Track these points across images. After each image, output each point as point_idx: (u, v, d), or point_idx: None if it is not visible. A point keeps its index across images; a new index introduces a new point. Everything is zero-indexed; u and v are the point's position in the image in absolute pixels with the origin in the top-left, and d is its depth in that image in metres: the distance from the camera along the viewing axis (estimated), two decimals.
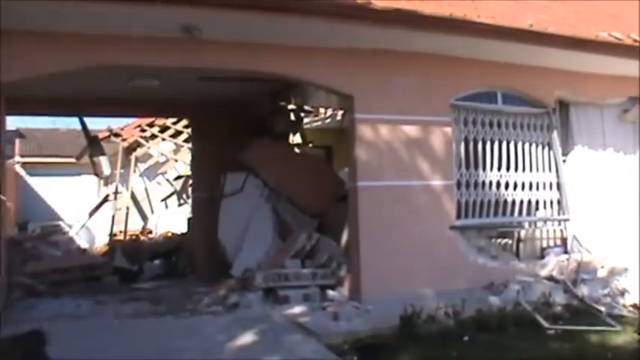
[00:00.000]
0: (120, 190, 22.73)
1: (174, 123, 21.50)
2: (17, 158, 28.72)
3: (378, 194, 10.72)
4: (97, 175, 19.20)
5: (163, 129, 21.80)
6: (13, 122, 15.64)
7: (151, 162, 23.26)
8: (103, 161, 18.69)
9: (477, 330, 8.62)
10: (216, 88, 13.11)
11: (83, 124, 17.96)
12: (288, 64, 10.37)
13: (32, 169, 30.06)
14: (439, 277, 10.87)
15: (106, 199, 23.14)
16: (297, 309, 10.19)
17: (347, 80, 10.72)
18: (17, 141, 27.13)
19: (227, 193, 13.57)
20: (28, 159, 30.69)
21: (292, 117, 15.89)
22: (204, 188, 15.08)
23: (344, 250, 11.57)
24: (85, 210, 24.02)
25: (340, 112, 16.45)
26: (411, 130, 11.06)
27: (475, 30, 10.34)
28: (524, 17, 11.24)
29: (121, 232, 21.58)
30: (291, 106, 15.58)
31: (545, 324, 9.00)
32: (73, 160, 27.75)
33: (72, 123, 37.54)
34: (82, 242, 21.99)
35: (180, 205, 22.35)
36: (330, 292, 10.77)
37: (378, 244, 10.62)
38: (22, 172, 29.30)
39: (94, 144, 18.85)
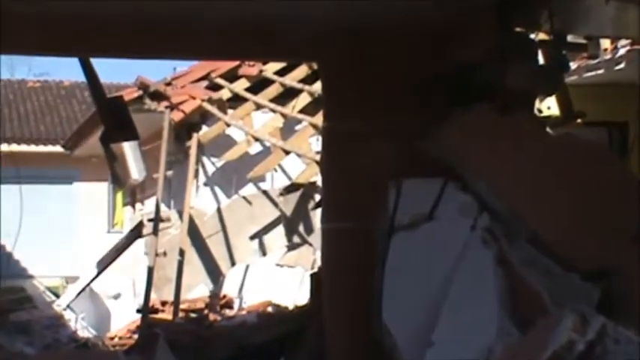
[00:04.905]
0: (166, 216, 23.51)
1: (280, 73, 21.54)
2: None
3: None
4: (115, 181, 20.21)
5: (256, 84, 21.95)
6: None
7: (230, 154, 23.43)
8: (130, 152, 18.00)
9: None
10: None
11: (89, 71, 17.50)
12: None
13: None
14: None
15: (137, 234, 23.66)
16: None
17: None
18: None
19: (402, 224, 12.70)
20: None
21: (541, 60, 15.11)
22: (348, 211, 14.10)
23: None
24: (89, 257, 25.20)
25: None
26: None
27: None
28: None
29: (165, 303, 22.24)
30: (538, 37, 15.04)
31: None
32: (59, 148, 27.96)
33: (55, 70, 39.09)
34: (82, 326, 22.76)
35: (291, 247, 23.27)
36: None
37: None
38: None
39: (111, 114, 18.40)
